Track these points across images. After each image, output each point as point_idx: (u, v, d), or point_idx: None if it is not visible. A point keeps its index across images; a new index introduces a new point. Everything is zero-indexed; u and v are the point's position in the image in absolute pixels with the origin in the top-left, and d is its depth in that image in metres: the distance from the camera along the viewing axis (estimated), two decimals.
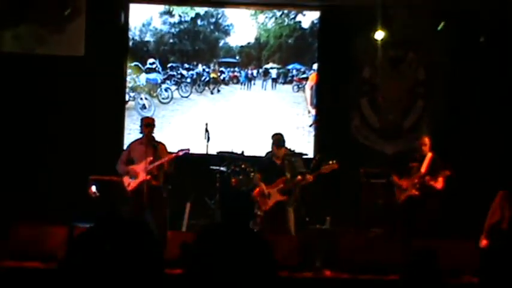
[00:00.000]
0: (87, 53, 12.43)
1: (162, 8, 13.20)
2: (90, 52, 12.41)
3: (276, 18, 13.21)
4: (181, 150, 10.11)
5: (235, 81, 13.28)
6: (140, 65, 13.14)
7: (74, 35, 12.47)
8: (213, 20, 13.37)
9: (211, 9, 13.30)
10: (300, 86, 13.22)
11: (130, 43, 13.11)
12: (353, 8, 12.35)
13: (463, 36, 12.36)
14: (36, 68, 12.38)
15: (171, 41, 13.34)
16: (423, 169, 10.35)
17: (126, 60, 12.97)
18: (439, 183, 10.22)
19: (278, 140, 10.59)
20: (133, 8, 13.01)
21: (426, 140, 10.59)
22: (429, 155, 10.44)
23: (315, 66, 13.16)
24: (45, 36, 12.46)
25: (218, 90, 13.28)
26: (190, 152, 10.21)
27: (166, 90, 13.22)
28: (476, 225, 9.80)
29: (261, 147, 12.13)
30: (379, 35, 12.42)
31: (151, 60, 13.20)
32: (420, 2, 12.24)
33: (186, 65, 13.33)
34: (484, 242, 9.25)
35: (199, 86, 13.31)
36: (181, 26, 13.33)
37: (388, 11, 12.32)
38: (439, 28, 12.32)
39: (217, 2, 12.86)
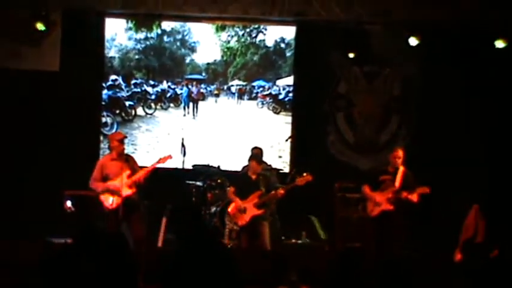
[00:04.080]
0: (62, 68, 12.38)
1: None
2: (65, 67, 12.37)
3: (239, 36, 13.30)
4: (164, 157, 10.05)
5: (200, 98, 13.33)
6: None
7: (49, 50, 12.41)
8: (179, 36, 13.41)
9: (178, 26, 13.33)
10: (264, 102, 13.29)
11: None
12: (329, 23, 12.41)
13: (437, 52, 12.45)
14: (10, 82, 12.31)
15: (136, 57, 13.34)
16: (397, 183, 10.17)
17: (102, 75, 12.93)
18: (414, 197, 10.03)
19: (257, 155, 10.62)
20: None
21: (400, 152, 10.28)
22: (401, 169, 10.21)
23: (279, 82, 13.27)
24: (19, 51, 12.38)
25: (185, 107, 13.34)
26: (166, 166, 10.17)
27: (130, 107, 13.17)
28: (451, 240, 9.85)
29: (231, 162, 12.33)
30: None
31: (113, 77, 13.17)
32: (395, 18, 12.32)
33: (151, 82, 13.32)
34: (458, 256, 9.27)
35: (164, 102, 13.29)
36: (147, 42, 13.34)
37: (364, 26, 12.39)
38: (413, 43, 12.37)
39: (192, 17, 12.86)
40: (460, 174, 12.11)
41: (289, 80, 13.26)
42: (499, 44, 11.96)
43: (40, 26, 11.97)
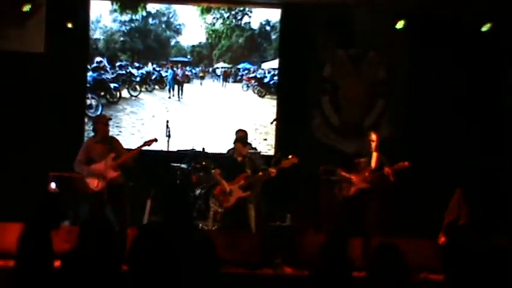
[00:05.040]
0: (47, 49, 12.32)
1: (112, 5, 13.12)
2: (50, 49, 12.31)
3: (224, 19, 13.27)
4: (149, 141, 10.03)
5: (185, 80, 13.33)
6: None
7: (34, 31, 12.35)
8: (165, 18, 13.37)
9: (163, 8, 13.30)
10: (249, 85, 13.31)
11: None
12: (314, 5, 12.40)
13: (423, 36, 12.49)
14: None
15: (121, 39, 13.29)
16: (373, 164, 10.09)
17: (87, 57, 12.88)
18: (391, 176, 9.90)
19: (242, 137, 10.62)
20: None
21: (373, 136, 10.24)
22: (375, 154, 10.16)
23: (264, 65, 13.27)
24: (3, 32, 12.30)
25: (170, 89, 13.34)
26: (151, 148, 10.16)
27: (114, 89, 13.15)
28: (434, 223, 9.91)
29: (216, 145, 12.37)
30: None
31: (98, 59, 13.11)
32: (381, 2, 12.32)
33: (136, 64, 13.30)
34: (442, 239, 9.34)
35: (149, 85, 13.29)
36: (132, 24, 13.28)
37: (349, 9, 12.39)
38: (398, 27, 12.43)
39: None
40: (445, 158, 12.18)
41: (275, 64, 13.26)
42: (486, 27, 12.01)
43: (26, 7, 11.93)
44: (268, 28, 13.33)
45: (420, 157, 11.45)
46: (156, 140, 10.06)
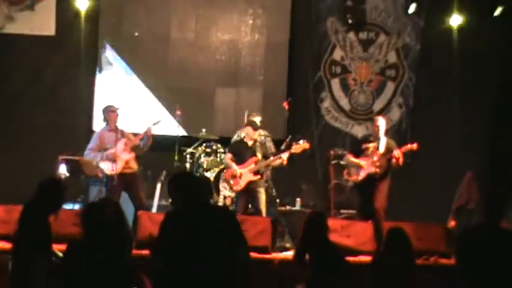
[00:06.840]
0: (58, 32, 12.33)
1: None
2: (61, 32, 12.32)
3: None
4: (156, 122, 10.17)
5: None
6: None
7: (44, 14, 12.34)
8: None
9: None
10: None
11: None
12: None
13: (433, 20, 12.46)
14: (5, 47, 12.27)
15: None
16: (382, 149, 9.86)
17: (98, 40, 12.84)
18: (401, 159, 9.67)
19: (254, 121, 10.58)
20: None
21: (379, 120, 10.07)
22: (384, 139, 9.94)
23: None
24: (14, 15, 12.31)
25: None
26: (162, 133, 10.21)
27: None
28: (443, 207, 9.92)
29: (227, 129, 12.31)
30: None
31: None
32: None
33: None
34: (452, 223, 9.32)
35: None
36: None
37: None
38: (410, 11, 12.42)
39: None
40: (454, 142, 12.16)
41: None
42: (498, 11, 12.02)
43: None
44: None
45: (430, 141, 11.44)
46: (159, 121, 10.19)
